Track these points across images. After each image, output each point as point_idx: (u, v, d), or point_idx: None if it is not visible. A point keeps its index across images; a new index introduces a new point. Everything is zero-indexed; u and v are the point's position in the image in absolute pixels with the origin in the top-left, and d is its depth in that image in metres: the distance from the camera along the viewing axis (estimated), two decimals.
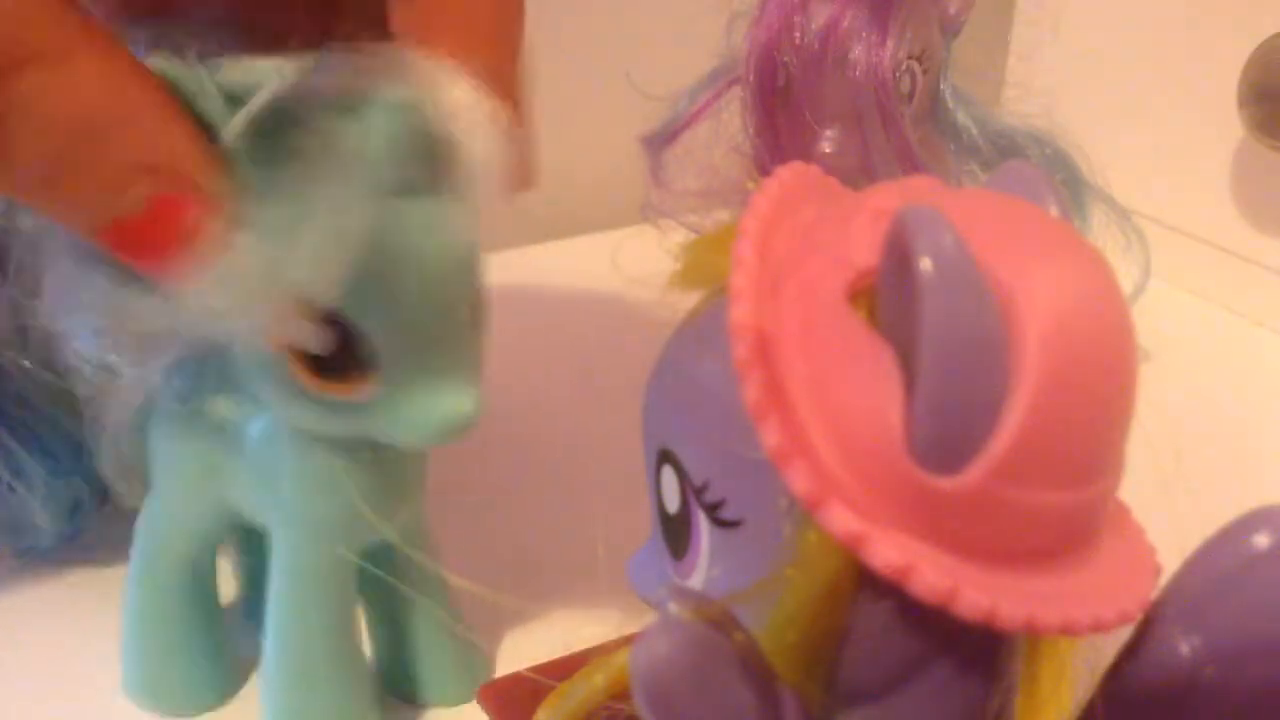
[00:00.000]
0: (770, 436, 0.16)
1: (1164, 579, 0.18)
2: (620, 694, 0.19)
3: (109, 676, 0.31)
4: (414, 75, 0.24)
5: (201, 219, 0.23)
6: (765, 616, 0.17)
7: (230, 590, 0.33)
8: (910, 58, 0.40)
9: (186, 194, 0.23)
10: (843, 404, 0.16)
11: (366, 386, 0.25)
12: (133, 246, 0.23)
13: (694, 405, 0.18)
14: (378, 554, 0.30)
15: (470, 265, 0.26)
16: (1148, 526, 0.18)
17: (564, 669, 0.21)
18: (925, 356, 0.15)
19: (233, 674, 0.32)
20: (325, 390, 0.25)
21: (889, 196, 0.17)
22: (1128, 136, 0.51)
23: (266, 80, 0.24)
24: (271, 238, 0.23)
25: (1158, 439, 0.19)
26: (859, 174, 0.40)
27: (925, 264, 0.15)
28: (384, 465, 0.27)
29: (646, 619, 0.28)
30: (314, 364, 0.25)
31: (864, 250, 0.17)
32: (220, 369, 0.27)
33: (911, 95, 0.40)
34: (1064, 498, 0.16)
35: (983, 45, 0.43)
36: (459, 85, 0.24)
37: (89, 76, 0.22)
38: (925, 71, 0.40)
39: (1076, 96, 0.39)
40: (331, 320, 0.24)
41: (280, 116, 0.24)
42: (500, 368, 0.41)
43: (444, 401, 0.26)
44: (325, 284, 0.23)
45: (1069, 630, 0.16)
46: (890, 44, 0.39)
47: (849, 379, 0.16)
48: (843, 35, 0.39)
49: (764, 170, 0.41)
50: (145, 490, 0.30)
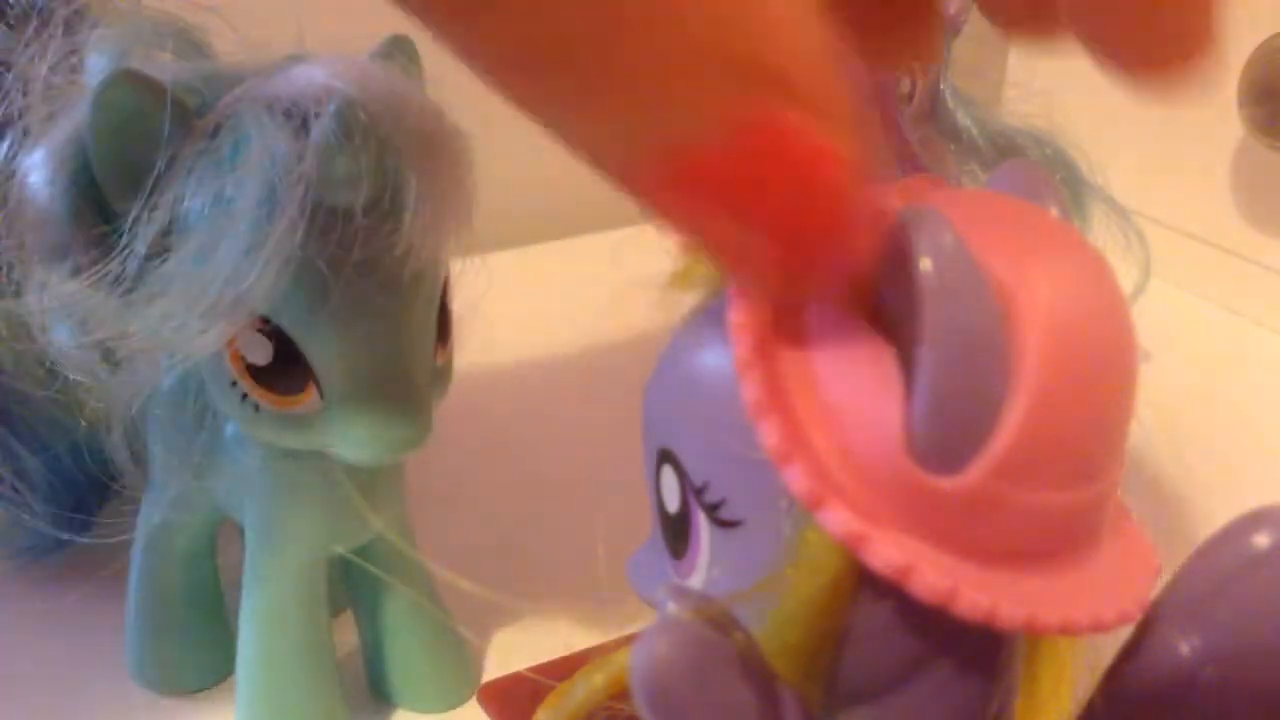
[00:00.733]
0: (770, 436, 0.16)
1: (1163, 579, 0.18)
2: (620, 694, 0.19)
3: (114, 658, 0.32)
4: (369, 81, 0.24)
5: (830, 166, 0.15)
6: (765, 616, 0.17)
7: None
8: None
9: (809, 125, 0.15)
10: (843, 404, 0.16)
11: (308, 399, 0.25)
12: (704, 190, 0.15)
13: (693, 405, 0.18)
14: (363, 558, 0.30)
15: (422, 281, 0.25)
16: (1148, 526, 0.18)
17: (564, 669, 0.21)
18: (925, 357, 0.15)
19: (232, 652, 0.31)
20: (267, 400, 0.25)
21: (889, 197, 0.17)
22: (1128, 136, 0.51)
23: (224, 83, 0.24)
24: (207, 244, 0.23)
25: (1158, 439, 0.19)
26: None
27: (925, 264, 0.15)
28: (353, 472, 0.27)
29: (643, 619, 0.28)
30: (256, 373, 0.25)
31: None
32: (199, 373, 0.27)
33: (911, 95, 0.40)
34: (1064, 498, 0.16)
35: (983, 45, 0.43)
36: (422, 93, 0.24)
37: None
38: (925, 72, 0.40)
39: (1076, 96, 0.39)
40: (269, 330, 0.24)
41: (225, 120, 0.24)
42: (499, 368, 0.41)
43: (384, 420, 0.25)
44: (255, 292, 0.23)
45: (1068, 630, 0.16)
46: None
47: (849, 379, 0.16)
48: None
49: None
50: (147, 480, 0.30)
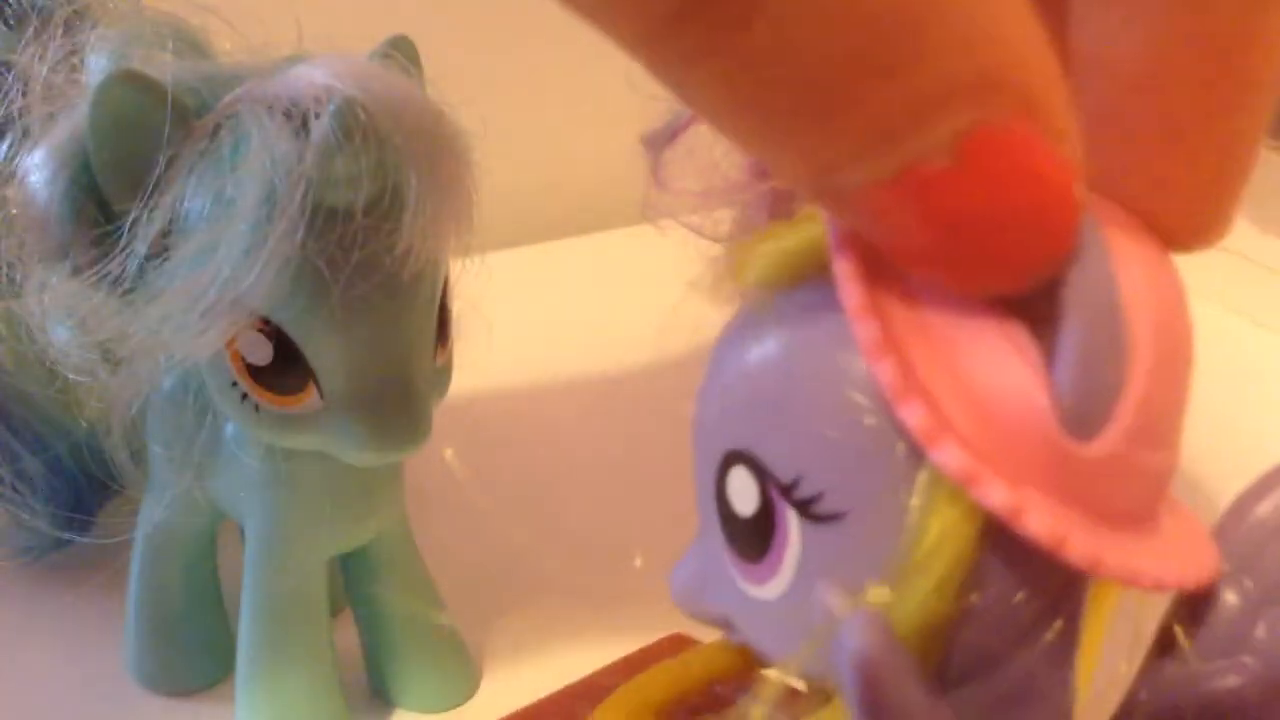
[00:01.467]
0: (914, 417, 0.16)
1: None
2: (720, 678, 0.20)
3: (113, 658, 0.32)
4: (369, 81, 0.23)
5: (1055, 172, 0.15)
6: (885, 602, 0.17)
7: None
8: None
9: (1028, 129, 0.14)
10: (977, 380, 0.16)
11: (308, 399, 0.25)
12: (930, 210, 0.14)
13: (780, 399, 0.17)
14: (361, 560, 0.30)
15: (422, 281, 0.25)
16: None
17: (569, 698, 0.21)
18: (1073, 330, 0.16)
19: (233, 652, 0.31)
20: (267, 401, 0.25)
21: None
22: None
23: (224, 83, 0.24)
24: (207, 244, 0.23)
25: None
26: None
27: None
28: (353, 472, 0.27)
29: (642, 620, 0.28)
30: (256, 373, 0.25)
31: None
32: (199, 373, 0.27)
33: None
34: (1161, 458, 0.17)
35: None
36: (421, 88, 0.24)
37: None
38: None
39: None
40: (269, 330, 0.24)
41: (225, 121, 0.24)
42: (499, 368, 0.41)
43: (384, 421, 0.25)
44: (254, 292, 0.23)
45: (1162, 586, 0.17)
46: None
47: (981, 351, 0.16)
48: None
49: (765, 170, 0.41)
50: (147, 480, 0.30)
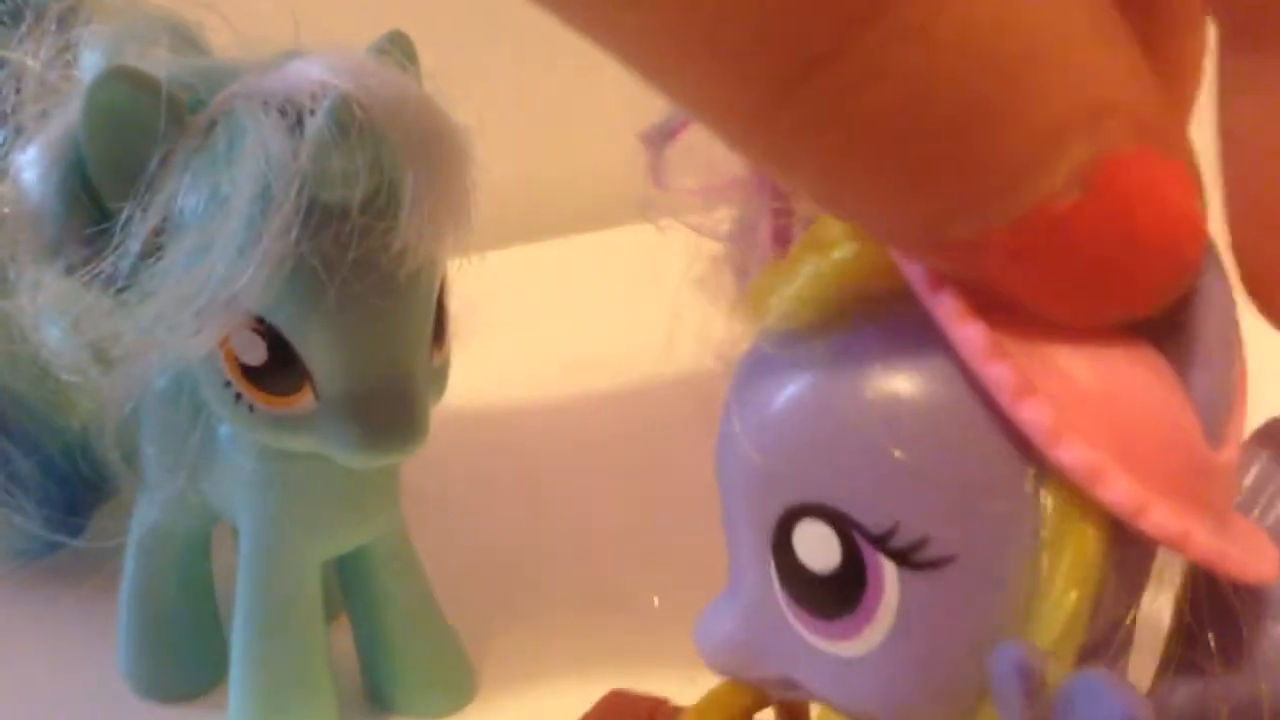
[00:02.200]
0: (1071, 455, 0.15)
1: None
2: None
3: (106, 663, 0.32)
4: (365, 77, 0.23)
5: (1181, 190, 0.14)
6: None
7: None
8: None
9: (1151, 151, 0.14)
10: (1109, 390, 0.16)
11: (303, 400, 0.25)
12: (1066, 245, 0.14)
13: (861, 445, 0.16)
14: (358, 563, 0.30)
15: (419, 280, 0.25)
16: None
17: None
18: (1207, 346, 0.17)
19: (226, 656, 0.31)
20: (261, 401, 0.25)
21: None
22: None
23: (219, 79, 0.24)
24: (202, 242, 0.23)
25: None
26: None
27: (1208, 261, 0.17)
28: (347, 474, 0.27)
29: (641, 623, 0.27)
30: (250, 373, 0.25)
31: None
32: (193, 373, 0.27)
33: None
34: (1236, 450, 0.18)
35: None
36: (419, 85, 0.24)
37: None
38: None
39: None
40: (264, 330, 0.24)
41: (220, 117, 0.23)
42: (497, 368, 0.40)
43: (380, 422, 0.25)
44: (249, 291, 0.23)
45: (1264, 578, 0.17)
46: None
47: (1107, 367, 0.16)
48: None
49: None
50: (140, 482, 0.30)
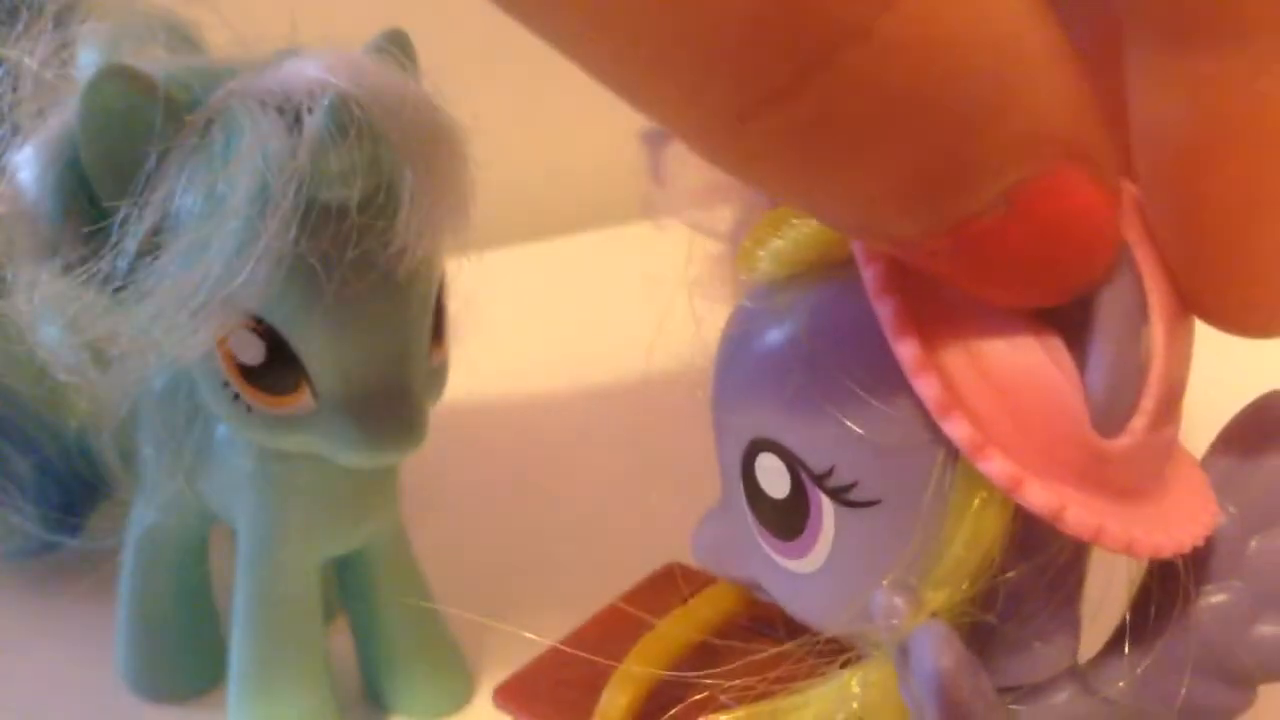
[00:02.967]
0: (959, 431, 0.16)
1: None
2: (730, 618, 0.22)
3: (103, 663, 0.32)
4: (363, 75, 0.23)
5: (1101, 207, 0.15)
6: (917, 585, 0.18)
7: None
8: None
9: (1076, 173, 0.15)
10: (1013, 388, 0.16)
11: (301, 400, 0.25)
12: (980, 254, 0.15)
13: (810, 394, 0.18)
14: (356, 564, 0.29)
15: (417, 279, 0.25)
16: None
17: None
18: (1103, 340, 0.16)
19: (225, 657, 0.31)
20: (259, 401, 0.25)
21: None
22: None
23: (216, 78, 0.24)
24: (199, 241, 0.23)
25: None
26: None
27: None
28: (347, 474, 0.27)
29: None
30: (248, 373, 0.24)
31: None
32: (190, 373, 0.26)
33: None
34: (1172, 430, 0.18)
35: None
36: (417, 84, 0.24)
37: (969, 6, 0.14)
38: None
39: None
40: (262, 329, 0.24)
41: (217, 116, 0.23)
42: (495, 368, 0.40)
43: (378, 422, 0.25)
44: (247, 291, 0.23)
45: (1159, 553, 0.17)
46: None
47: (1012, 363, 0.17)
48: None
49: None
50: (137, 482, 0.30)
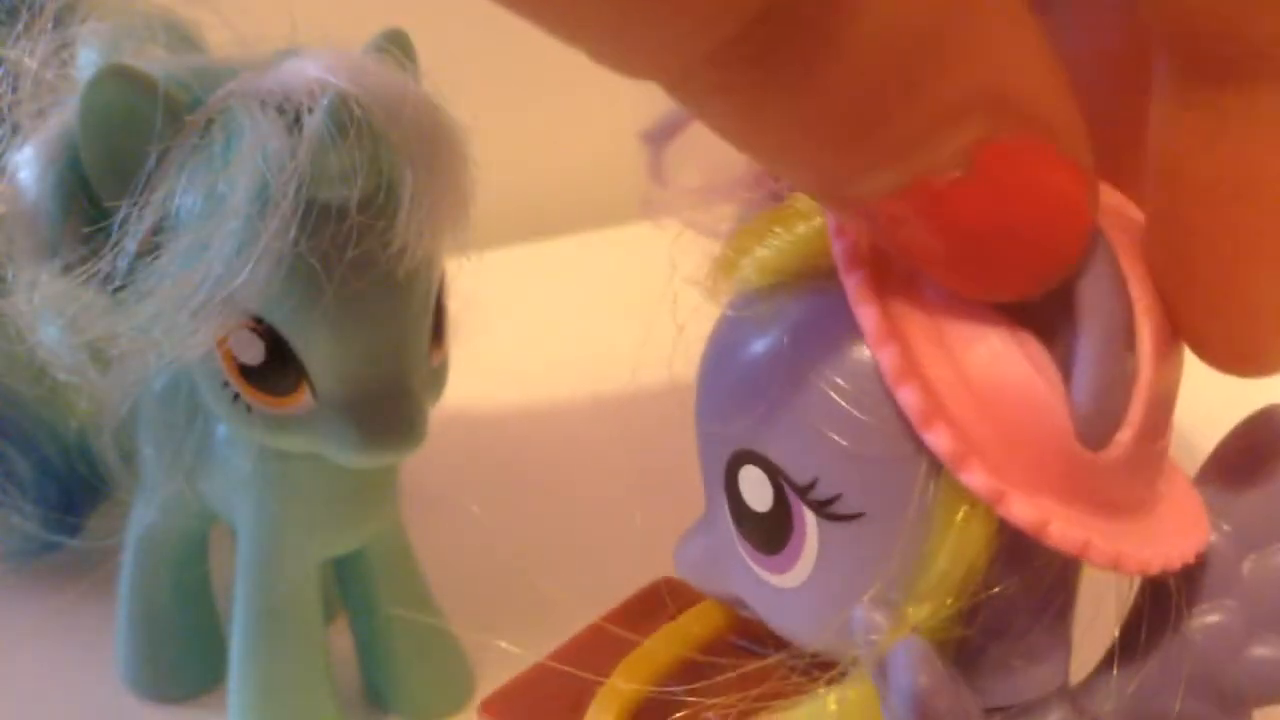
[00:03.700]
0: (941, 442, 0.16)
1: None
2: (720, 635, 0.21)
3: (104, 663, 0.32)
4: (363, 75, 0.23)
5: (1068, 184, 0.15)
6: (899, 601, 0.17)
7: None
8: None
9: (1040, 142, 0.15)
10: (996, 398, 0.16)
11: (301, 400, 0.25)
12: (942, 220, 0.15)
13: (793, 404, 0.18)
14: (356, 564, 0.29)
15: (417, 279, 0.25)
16: None
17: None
18: (1090, 350, 0.16)
19: (225, 657, 0.31)
20: (259, 401, 0.25)
21: None
22: None
23: (216, 78, 0.24)
24: (199, 241, 0.23)
25: None
26: None
27: (1097, 268, 0.16)
28: (345, 475, 0.27)
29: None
30: (248, 373, 0.24)
31: None
32: (190, 373, 0.26)
33: None
34: (1163, 444, 0.18)
35: None
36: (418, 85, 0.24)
37: None
38: None
39: None
40: (262, 329, 0.24)
41: (217, 116, 0.23)
42: (495, 368, 0.40)
43: (378, 422, 0.25)
44: (247, 291, 0.22)
45: (1147, 570, 0.17)
46: None
47: (994, 371, 0.16)
48: None
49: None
50: (137, 482, 0.30)
